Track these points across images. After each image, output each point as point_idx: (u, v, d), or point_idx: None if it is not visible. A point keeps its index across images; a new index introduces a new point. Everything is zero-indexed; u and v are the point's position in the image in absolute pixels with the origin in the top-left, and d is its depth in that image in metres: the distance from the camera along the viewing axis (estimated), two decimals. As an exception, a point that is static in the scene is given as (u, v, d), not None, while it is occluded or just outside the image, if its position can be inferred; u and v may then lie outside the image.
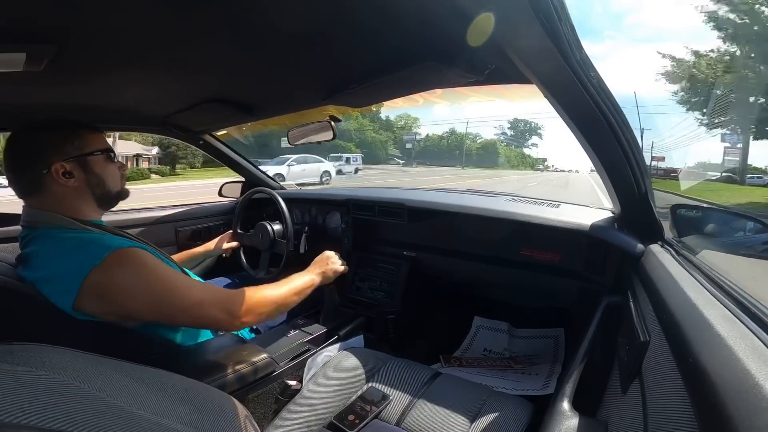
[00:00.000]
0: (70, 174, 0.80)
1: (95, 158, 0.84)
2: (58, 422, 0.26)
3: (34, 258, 0.77)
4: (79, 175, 0.81)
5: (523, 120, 79.01)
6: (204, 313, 0.81)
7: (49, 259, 0.76)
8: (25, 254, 0.80)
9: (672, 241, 0.84)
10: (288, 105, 1.31)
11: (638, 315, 0.63)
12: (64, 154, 0.79)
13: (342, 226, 1.56)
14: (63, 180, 0.79)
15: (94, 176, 0.84)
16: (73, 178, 0.80)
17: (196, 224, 1.77)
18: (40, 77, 0.78)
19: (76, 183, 0.81)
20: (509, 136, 78.99)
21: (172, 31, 0.66)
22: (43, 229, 0.79)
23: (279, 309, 0.95)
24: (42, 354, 0.35)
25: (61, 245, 0.76)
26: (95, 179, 0.84)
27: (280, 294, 0.95)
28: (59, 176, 0.78)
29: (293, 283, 1.00)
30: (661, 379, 0.44)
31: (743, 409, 0.27)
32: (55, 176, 0.78)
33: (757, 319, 0.41)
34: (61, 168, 0.79)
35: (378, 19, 0.64)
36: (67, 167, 0.79)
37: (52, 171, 0.78)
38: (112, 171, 0.88)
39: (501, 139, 75.89)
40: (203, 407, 0.44)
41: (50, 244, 0.77)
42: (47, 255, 0.76)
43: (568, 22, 0.50)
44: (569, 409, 0.63)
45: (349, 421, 0.78)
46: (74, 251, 0.75)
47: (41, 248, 0.77)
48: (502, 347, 1.45)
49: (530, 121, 78.48)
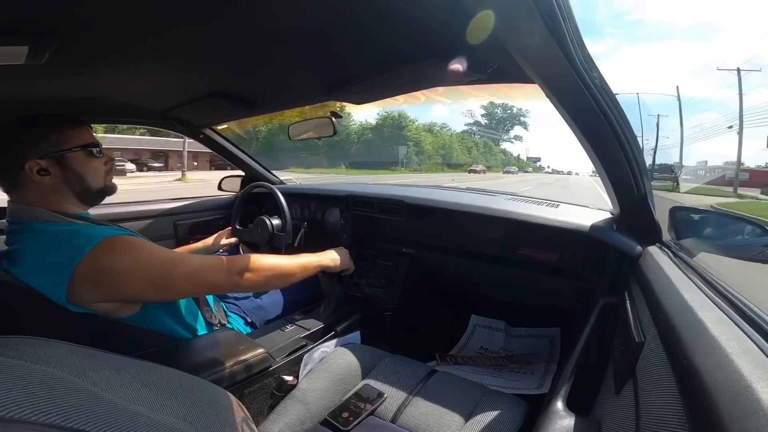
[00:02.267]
0: (46, 171, 0.78)
1: (74, 154, 0.81)
2: (51, 416, 0.26)
3: (21, 253, 0.76)
4: (56, 172, 0.79)
5: (502, 104, 62.00)
6: (205, 278, 0.84)
7: (36, 253, 0.75)
8: (12, 250, 0.79)
9: (670, 243, 0.84)
10: (289, 100, 1.31)
11: (634, 316, 0.63)
12: (39, 151, 0.77)
13: (341, 222, 1.56)
14: (38, 177, 0.77)
15: (72, 173, 0.81)
16: (50, 175, 0.78)
17: (194, 218, 1.77)
18: (41, 70, 0.77)
19: (54, 180, 0.79)
20: (483, 126, 61.80)
21: (174, 25, 0.66)
22: (28, 223, 0.78)
23: (281, 276, 0.97)
24: (36, 348, 0.35)
25: (47, 238, 0.76)
26: (73, 176, 0.82)
27: (283, 262, 0.98)
28: (34, 173, 0.77)
29: (299, 258, 1.03)
30: (654, 380, 0.44)
31: (735, 411, 0.27)
32: (29, 173, 0.76)
33: (751, 321, 0.41)
34: (36, 165, 0.77)
35: (381, 15, 0.63)
36: (43, 164, 0.77)
37: (26, 168, 0.76)
38: (94, 167, 0.85)
39: (473, 131, 56.57)
40: (198, 402, 0.44)
41: (36, 239, 0.76)
42: (34, 249, 0.75)
43: (571, 20, 0.49)
44: (563, 409, 0.64)
45: (343, 418, 0.78)
46: (61, 244, 0.74)
47: (28, 243, 0.77)
48: (499, 346, 1.45)
49: (511, 106, 61.74)
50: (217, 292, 1.02)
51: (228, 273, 0.86)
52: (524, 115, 62.79)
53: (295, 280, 1.01)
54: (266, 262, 0.93)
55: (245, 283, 0.89)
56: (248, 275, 0.88)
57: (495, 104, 62.20)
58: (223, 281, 0.86)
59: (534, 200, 1.35)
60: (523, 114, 62.64)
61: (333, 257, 1.18)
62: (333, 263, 1.17)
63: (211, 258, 0.89)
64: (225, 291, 1.02)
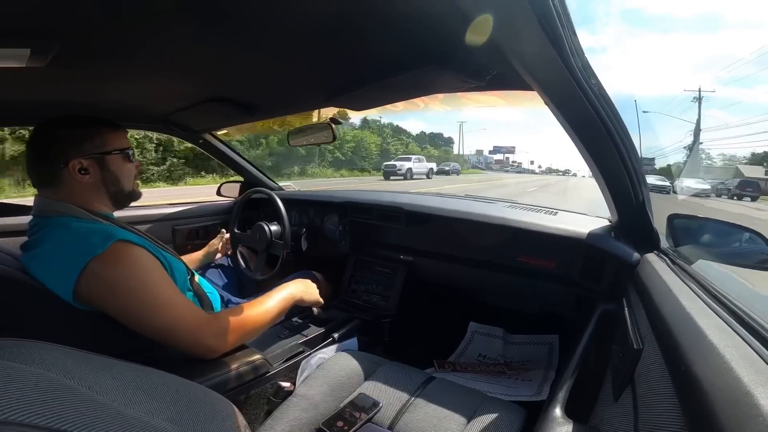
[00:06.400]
0: (86, 170, 0.82)
1: (113, 157, 0.87)
2: (45, 419, 0.26)
3: (40, 245, 0.78)
4: (95, 172, 0.84)
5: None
6: (173, 339, 0.80)
7: (54, 246, 0.77)
8: (32, 241, 0.81)
9: (668, 250, 0.84)
10: (289, 106, 1.32)
11: (632, 323, 0.63)
12: (83, 151, 0.82)
13: (339, 229, 1.56)
14: (79, 176, 0.82)
15: (110, 174, 0.86)
16: (89, 174, 0.83)
17: (193, 223, 1.76)
18: (42, 73, 0.78)
19: (92, 179, 0.84)
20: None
21: (175, 30, 0.67)
22: (54, 218, 0.81)
23: (258, 332, 0.94)
24: (33, 350, 0.34)
25: (68, 233, 0.77)
26: (111, 177, 0.87)
27: (260, 319, 0.93)
28: (75, 172, 0.81)
29: (273, 304, 0.98)
30: (653, 386, 0.44)
31: (734, 418, 0.27)
32: (71, 171, 0.81)
33: (750, 328, 0.41)
34: (79, 164, 0.81)
35: (380, 22, 0.64)
36: (85, 164, 0.82)
37: (69, 166, 0.81)
38: (129, 170, 0.91)
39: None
40: (194, 407, 0.44)
41: (58, 233, 0.78)
42: (53, 242, 0.77)
43: (570, 27, 0.50)
44: (561, 416, 0.63)
45: (337, 428, 0.77)
46: (79, 240, 0.76)
47: (49, 236, 0.78)
48: (497, 353, 1.45)
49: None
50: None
51: (198, 345, 0.82)
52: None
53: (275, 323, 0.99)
54: (244, 325, 0.89)
55: (215, 354, 0.85)
56: (219, 349, 0.84)
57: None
58: (192, 350, 0.82)
59: (533, 208, 1.36)
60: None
61: (303, 290, 1.10)
62: (302, 298, 1.09)
63: (190, 319, 0.81)
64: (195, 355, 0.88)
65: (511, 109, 62.89)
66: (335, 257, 1.60)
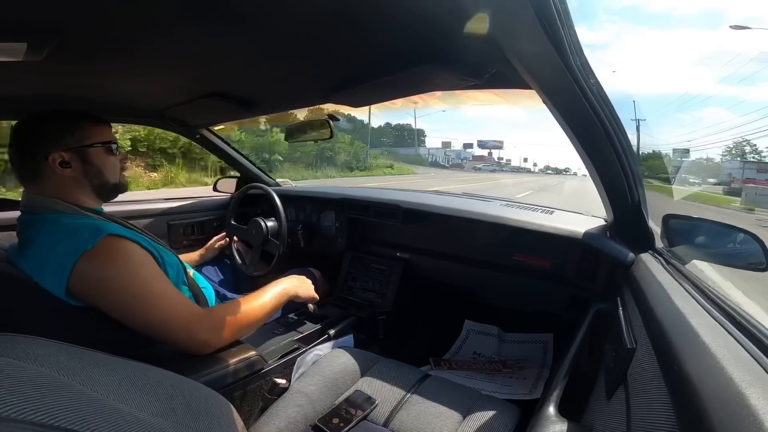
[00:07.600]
0: (67, 164, 0.81)
1: (95, 149, 0.86)
2: (39, 415, 0.26)
3: (31, 242, 0.77)
4: (77, 165, 0.83)
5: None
6: (167, 334, 0.78)
7: (44, 243, 0.76)
8: (22, 239, 0.80)
9: (662, 251, 0.84)
10: (287, 102, 1.31)
11: (626, 322, 0.63)
12: (64, 144, 0.81)
13: (336, 225, 1.55)
14: (60, 169, 0.81)
15: (92, 167, 0.85)
16: (71, 167, 0.82)
17: (188, 218, 1.76)
18: (38, 67, 0.78)
19: (74, 173, 0.83)
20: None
21: (172, 24, 0.66)
22: (43, 214, 0.80)
23: (253, 327, 0.93)
24: (26, 346, 0.34)
25: (58, 229, 0.77)
26: (93, 170, 0.86)
27: (255, 314, 0.91)
28: (56, 165, 0.80)
29: (268, 299, 0.97)
30: (645, 385, 0.44)
31: (726, 417, 0.27)
32: (52, 165, 0.80)
33: (742, 328, 0.42)
34: (59, 157, 0.80)
35: (379, 18, 0.64)
36: (66, 157, 0.81)
37: (50, 160, 0.80)
38: (112, 163, 0.89)
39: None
40: (189, 403, 0.44)
41: (48, 229, 0.77)
42: (43, 239, 0.76)
43: (570, 27, 0.50)
44: (555, 414, 0.64)
45: (333, 425, 0.77)
46: (69, 236, 0.75)
47: (38, 233, 0.78)
48: (492, 351, 1.45)
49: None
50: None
51: (191, 340, 0.80)
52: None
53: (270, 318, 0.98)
54: (237, 321, 0.87)
55: (209, 350, 0.83)
56: (213, 344, 0.83)
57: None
58: (185, 346, 0.81)
59: (529, 206, 1.36)
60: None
61: (298, 285, 1.09)
62: (298, 293, 1.08)
63: (182, 315, 0.80)
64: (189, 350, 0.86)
65: (510, 107, 62.36)
66: (331, 254, 1.60)
